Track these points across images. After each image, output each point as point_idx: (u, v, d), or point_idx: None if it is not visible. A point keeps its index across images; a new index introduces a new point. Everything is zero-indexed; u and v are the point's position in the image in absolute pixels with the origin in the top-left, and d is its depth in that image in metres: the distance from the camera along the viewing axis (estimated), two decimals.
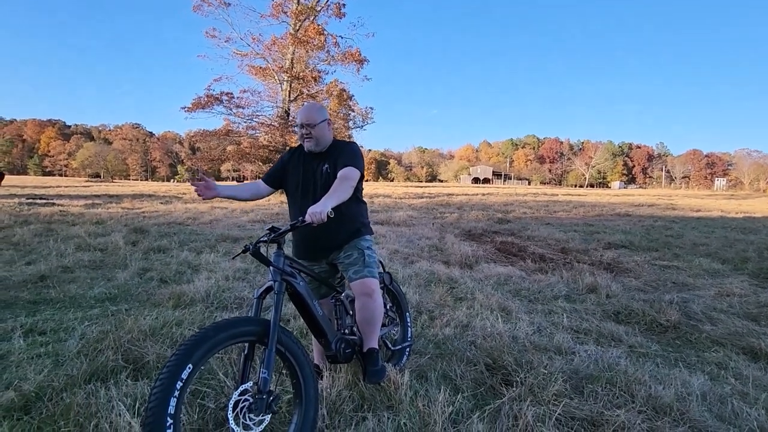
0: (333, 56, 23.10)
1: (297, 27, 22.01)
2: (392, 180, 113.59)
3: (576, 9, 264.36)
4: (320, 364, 2.45)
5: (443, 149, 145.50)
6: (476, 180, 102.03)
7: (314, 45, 21.97)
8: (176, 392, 1.44)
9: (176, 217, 10.60)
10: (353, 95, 24.95)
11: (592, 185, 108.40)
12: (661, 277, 5.34)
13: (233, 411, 1.59)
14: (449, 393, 2.22)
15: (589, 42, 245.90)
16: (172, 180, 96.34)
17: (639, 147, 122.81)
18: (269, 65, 22.56)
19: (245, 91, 22.75)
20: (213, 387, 2.25)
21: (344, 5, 22.51)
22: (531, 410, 2.04)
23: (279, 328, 1.75)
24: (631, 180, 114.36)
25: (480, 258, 6.24)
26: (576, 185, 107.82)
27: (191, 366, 1.49)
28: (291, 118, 22.00)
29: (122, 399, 2.06)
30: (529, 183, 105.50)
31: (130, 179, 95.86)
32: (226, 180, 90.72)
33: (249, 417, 1.62)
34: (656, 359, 2.90)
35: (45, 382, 2.21)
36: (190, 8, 21.63)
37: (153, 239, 7.07)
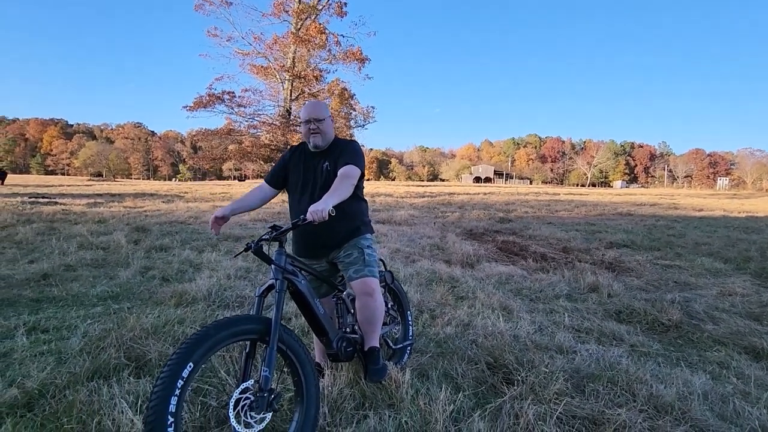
0: (334, 55, 23.11)
1: (298, 26, 22.03)
2: (394, 179, 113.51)
3: (579, 7, 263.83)
4: (321, 363, 2.45)
5: (445, 148, 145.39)
6: (478, 179, 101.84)
7: (316, 44, 21.99)
8: (177, 390, 1.45)
9: (178, 216, 10.61)
10: (354, 94, 24.97)
11: (594, 184, 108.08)
12: (663, 277, 5.33)
13: (234, 409, 1.60)
14: (450, 391, 2.22)
15: (591, 41, 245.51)
16: (174, 179, 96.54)
17: (641, 146, 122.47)
18: (271, 64, 22.59)
19: (247, 90, 22.83)
20: (215, 385, 2.25)
21: (345, 4, 22.54)
22: (532, 409, 2.04)
23: (280, 327, 1.75)
24: (633, 179, 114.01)
25: (481, 257, 6.24)
26: (578, 184, 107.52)
27: (192, 364, 1.49)
28: (293, 117, 22.01)
29: (125, 396, 2.07)
30: (531, 182, 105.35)
31: (132, 178, 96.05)
32: (228, 179, 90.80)
33: (250, 415, 1.62)
34: (658, 358, 2.90)
35: (48, 380, 2.22)
36: (192, 7, 21.69)
37: (155, 238, 7.09)
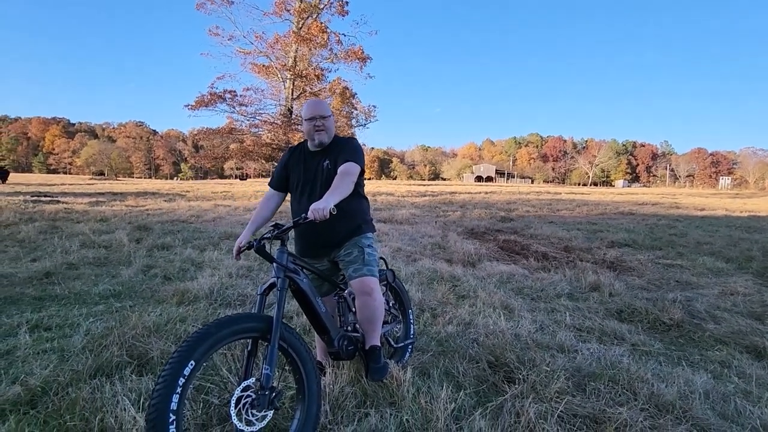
0: (336, 54, 23.09)
1: (300, 25, 22.03)
2: (395, 178, 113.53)
3: (579, 7, 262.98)
4: (323, 361, 2.46)
5: (446, 147, 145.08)
6: (479, 178, 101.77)
7: (317, 43, 21.97)
8: (178, 388, 1.45)
9: (180, 215, 10.64)
10: (356, 93, 24.98)
11: (596, 184, 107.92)
12: (665, 276, 5.32)
13: (236, 407, 1.60)
14: (451, 390, 2.22)
15: (592, 40, 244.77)
16: (176, 178, 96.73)
17: (643, 145, 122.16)
18: (272, 63, 22.58)
19: (248, 89, 22.83)
20: (216, 383, 2.26)
21: (347, 3, 22.53)
22: (533, 407, 2.04)
23: (282, 325, 1.75)
24: (635, 178, 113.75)
25: (483, 256, 6.24)
26: (579, 184, 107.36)
27: (193, 362, 1.50)
28: (294, 116, 22.00)
29: (127, 394, 2.08)
30: (532, 181, 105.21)
31: (134, 177, 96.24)
32: (229, 178, 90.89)
33: (252, 413, 1.63)
34: (659, 357, 2.89)
35: (51, 377, 2.23)
36: (194, 6, 21.70)
37: (157, 237, 7.11)
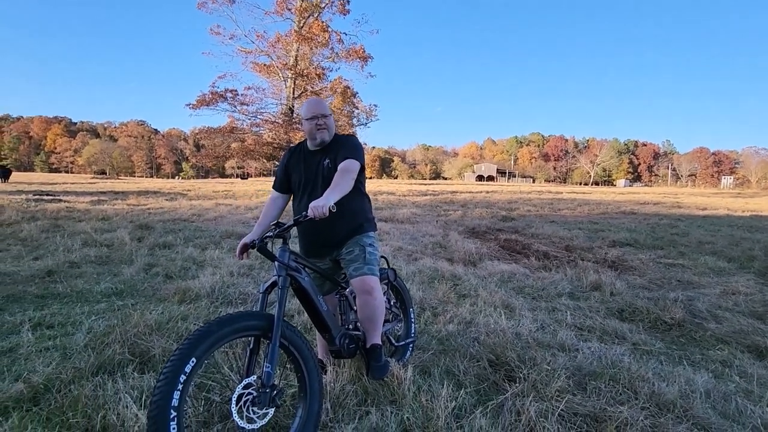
0: (337, 53, 23.05)
1: (301, 24, 22.00)
2: (396, 177, 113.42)
3: (579, 7, 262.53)
4: (324, 359, 2.46)
5: (447, 147, 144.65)
6: (480, 178, 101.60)
7: (318, 42, 21.94)
8: (180, 386, 1.46)
9: (181, 214, 10.66)
10: (357, 92, 24.89)
11: (597, 183, 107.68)
12: (666, 275, 5.31)
13: (237, 404, 1.61)
14: (452, 388, 2.23)
15: (592, 40, 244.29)
16: (177, 177, 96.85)
17: (645, 145, 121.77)
18: (273, 62, 22.55)
19: (249, 88, 22.79)
20: (218, 380, 2.27)
21: (348, 2, 22.48)
22: (534, 406, 2.04)
23: (283, 323, 1.76)
24: (637, 178, 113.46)
25: (484, 255, 6.24)
26: (581, 183, 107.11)
27: (195, 360, 1.51)
28: (295, 115, 22.00)
29: (129, 391, 2.09)
30: (534, 181, 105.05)
31: (136, 176, 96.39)
32: (231, 177, 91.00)
33: (253, 410, 1.63)
34: (660, 357, 2.89)
35: (53, 375, 2.24)
36: (195, 6, 21.70)
37: (158, 235, 7.12)
